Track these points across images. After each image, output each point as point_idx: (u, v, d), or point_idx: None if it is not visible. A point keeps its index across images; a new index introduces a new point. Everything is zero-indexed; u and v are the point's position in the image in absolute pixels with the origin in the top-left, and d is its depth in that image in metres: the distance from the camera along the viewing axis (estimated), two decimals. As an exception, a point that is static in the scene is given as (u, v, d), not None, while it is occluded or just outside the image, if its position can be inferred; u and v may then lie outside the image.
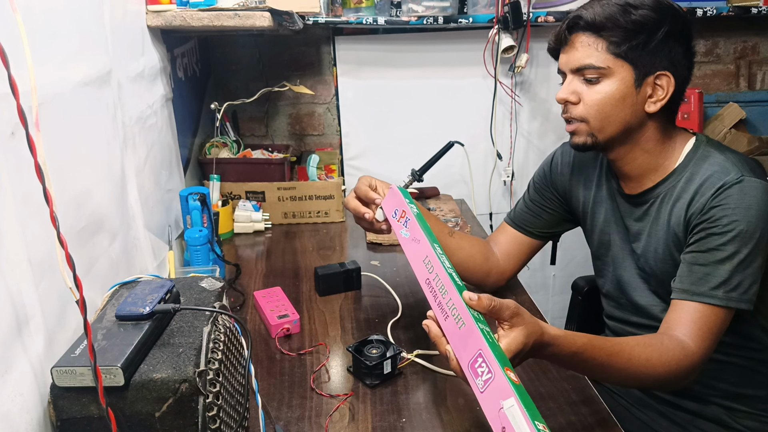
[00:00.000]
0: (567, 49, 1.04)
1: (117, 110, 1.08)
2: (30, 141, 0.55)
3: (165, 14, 1.31)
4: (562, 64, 1.06)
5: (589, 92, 1.02)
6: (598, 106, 1.01)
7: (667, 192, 1.04)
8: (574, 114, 1.04)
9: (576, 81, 1.03)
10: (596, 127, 1.03)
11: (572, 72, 1.04)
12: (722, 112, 2.12)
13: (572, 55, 1.03)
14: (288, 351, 1.09)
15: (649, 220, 1.07)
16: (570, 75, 1.04)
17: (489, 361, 0.67)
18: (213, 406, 0.68)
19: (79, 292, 0.58)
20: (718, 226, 0.95)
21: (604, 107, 1.01)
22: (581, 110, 1.03)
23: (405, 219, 0.95)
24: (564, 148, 1.27)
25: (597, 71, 1.00)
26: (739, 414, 1.09)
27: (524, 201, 1.28)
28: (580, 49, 1.02)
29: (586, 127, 1.04)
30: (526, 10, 1.84)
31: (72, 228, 0.84)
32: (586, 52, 1.01)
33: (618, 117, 1.02)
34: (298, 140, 2.12)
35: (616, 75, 1.00)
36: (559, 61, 1.08)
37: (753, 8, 1.89)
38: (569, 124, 1.06)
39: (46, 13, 0.82)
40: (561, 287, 2.23)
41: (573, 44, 1.03)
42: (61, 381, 0.65)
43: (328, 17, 1.87)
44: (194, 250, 1.30)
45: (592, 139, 1.04)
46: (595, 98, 1.01)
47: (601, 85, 1.01)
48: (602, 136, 1.03)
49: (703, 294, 0.94)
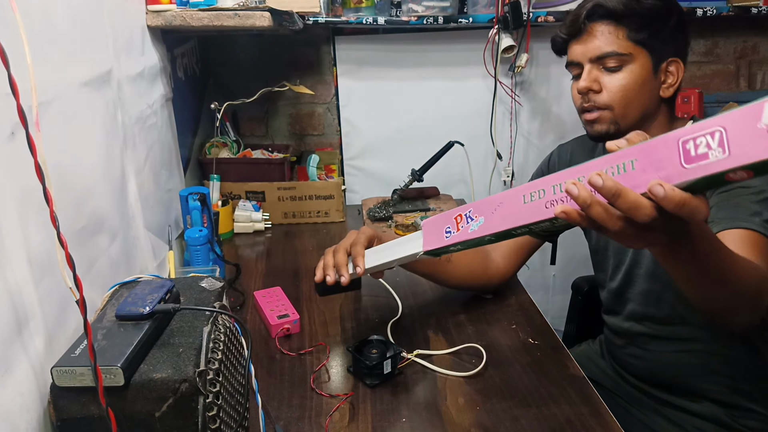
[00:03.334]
0: (584, 38, 1.05)
1: (117, 110, 1.08)
2: (30, 141, 0.55)
3: (165, 14, 1.31)
4: (578, 55, 1.06)
5: (611, 80, 1.03)
6: (623, 92, 1.03)
7: None
8: (598, 102, 1.05)
9: (595, 70, 1.05)
10: (620, 114, 1.04)
11: (591, 61, 1.04)
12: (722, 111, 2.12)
13: (591, 44, 1.04)
14: (288, 351, 1.09)
15: None
16: (588, 65, 1.05)
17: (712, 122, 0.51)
18: (213, 406, 0.68)
19: (79, 292, 0.58)
20: None
21: (628, 93, 1.03)
22: (605, 98, 1.04)
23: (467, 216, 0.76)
24: (561, 148, 1.28)
25: (619, 58, 1.02)
26: (739, 413, 1.09)
27: None
28: (600, 37, 1.02)
29: (609, 115, 1.05)
30: (526, 10, 1.84)
31: (72, 228, 0.84)
32: (608, 40, 1.02)
33: (639, 103, 1.04)
34: (298, 140, 2.12)
35: (637, 61, 1.02)
36: (571, 53, 1.08)
37: (753, 8, 1.89)
38: (590, 112, 1.07)
39: (46, 13, 0.82)
40: (561, 287, 2.23)
41: (592, 33, 1.03)
42: (61, 381, 0.65)
43: (328, 17, 1.87)
44: (194, 250, 1.30)
45: (615, 126, 1.05)
46: (619, 85, 1.03)
47: (623, 72, 1.03)
48: (624, 123, 1.05)
49: (741, 219, 0.90)
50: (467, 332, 1.14)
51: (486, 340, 1.11)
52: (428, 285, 1.35)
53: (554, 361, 1.04)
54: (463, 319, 1.19)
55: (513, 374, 1.01)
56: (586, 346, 1.36)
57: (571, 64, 1.10)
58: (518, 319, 1.19)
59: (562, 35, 1.09)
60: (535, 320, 1.19)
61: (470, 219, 0.76)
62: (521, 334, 1.14)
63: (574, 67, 1.09)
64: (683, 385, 1.12)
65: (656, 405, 1.16)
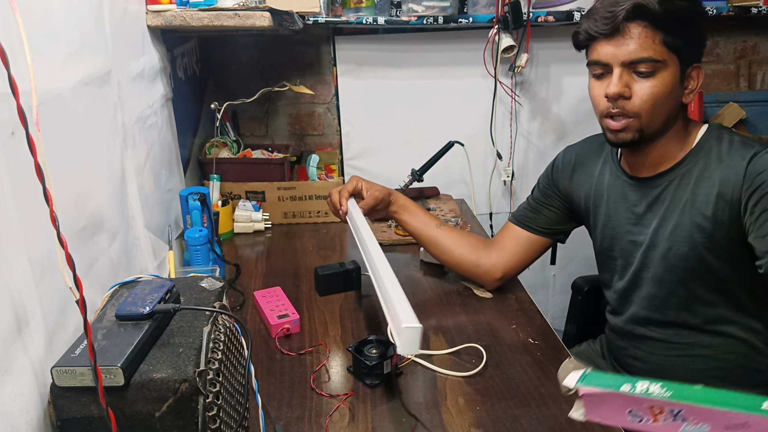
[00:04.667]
0: (618, 39, 0.97)
1: (117, 110, 1.08)
2: (30, 141, 0.55)
3: (165, 14, 1.31)
4: (607, 56, 0.99)
5: (642, 86, 0.98)
6: (653, 101, 0.98)
7: (684, 174, 1.04)
8: (628, 109, 0.99)
9: (626, 74, 0.98)
10: (646, 122, 1.00)
11: (623, 65, 0.98)
12: (722, 112, 2.12)
13: (625, 47, 0.97)
14: (288, 351, 1.09)
15: (664, 203, 1.06)
16: (619, 68, 0.98)
17: None
18: (213, 406, 0.68)
19: (79, 292, 0.58)
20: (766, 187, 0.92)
21: (657, 101, 0.98)
22: (635, 105, 0.99)
23: (671, 412, 0.64)
24: (566, 150, 1.28)
25: (653, 65, 0.96)
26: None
27: (527, 200, 1.31)
28: (636, 40, 0.96)
29: (637, 123, 1.00)
30: (526, 10, 1.84)
31: (72, 228, 0.84)
32: (644, 44, 0.96)
33: (665, 110, 1.00)
34: (298, 140, 2.12)
35: (669, 68, 0.98)
36: (598, 51, 1.01)
37: (753, 8, 1.89)
38: (616, 120, 1.01)
39: (46, 13, 0.82)
40: (561, 287, 2.23)
41: (627, 34, 0.96)
42: (61, 381, 0.65)
43: (328, 17, 1.87)
44: (194, 250, 1.30)
45: (639, 134, 1.01)
46: (650, 92, 0.98)
47: (655, 80, 0.97)
48: (648, 131, 1.01)
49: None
50: (467, 332, 1.14)
51: (486, 340, 1.11)
52: (428, 285, 1.35)
53: (554, 361, 1.04)
54: (463, 319, 1.19)
55: (513, 374, 1.01)
56: (586, 346, 1.36)
57: (596, 64, 1.02)
58: (518, 319, 1.19)
59: (591, 31, 1.00)
60: (535, 320, 1.19)
61: (682, 419, 0.63)
62: (521, 334, 1.14)
63: (599, 67, 1.02)
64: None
65: (657, 405, 1.16)
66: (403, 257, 1.47)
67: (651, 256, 1.09)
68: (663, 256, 1.06)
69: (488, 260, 1.27)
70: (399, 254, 1.50)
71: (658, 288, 1.10)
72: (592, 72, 1.04)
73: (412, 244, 1.54)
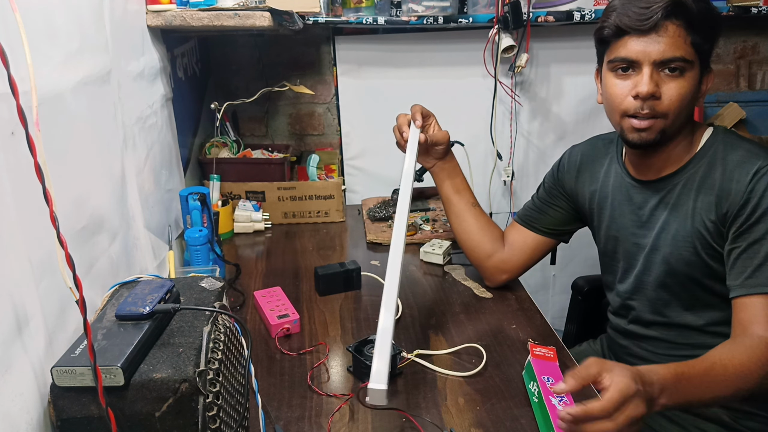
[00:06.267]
0: (652, 36, 0.94)
1: (117, 110, 1.08)
2: (30, 141, 0.55)
3: (165, 14, 1.31)
4: (638, 53, 0.95)
5: (671, 87, 0.96)
6: (681, 101, 0.96)
7: (688, 178, 1.04)
8: (657, 109, 0.97)
9: (656, 73, 0.96)
10: (670, 123, 0.98)
11: (655, 64, 0.95)
12: (722, 112, 2.12)
13: (659, 45, 0.94)
14: (288, 351, 1.09)
15: (667, 207, 1.06)
16: (649, 67, 0.95)
17: None
18: (213, 406, 0.68)
19: (79, 292, 0.58)
20: (761, 214, 0.93)
21: (684, 102, 0.97)
22: (665, 105, 0.97)
23: None
24: (572, 150, 1.28)
25: (683, 64, 0.95)
26: (740, 414, 1.09)
27: (532, 200, 1.31)
28: (670, 39, 0.94)
29: (662, 123, 0.98)
30: (526, 9, 1.83)
31: (72, 228, 0.84)
32: (676, 44, 0.94)
33: (687, 112, 1.00)
34: (298, 140, 2.12)
35: (694, 70, 0.97)
36: (627, 47, 0.97)
37: (753, 8, 1.89)
38: (641, 119, 0.98)
39: (46, 13, 0.82)
40: (561, 287, 2.23)
41: (663, 32, 0.93)
42: (61, 381, 0.65)
43: (328, 17, 1.87)
44: (194, 250, 1.30)
45: (661, 135, 1.00)
46: (678, 93, 0.96)
47: (683, 80, 0.96)
48: (670, 131, 1.00)
49: (761, 285, 0.92)
50: (467, 332, 1.14)
51: (486, 340, 1.11)
52: (428, 285, 1.35)
53: (554, 361, 1.04)
54: (463, 319, 1.19)
55: (513, 374, 1.01)
56: (587, 346, 1.36)
57: (622, 60, 0.98)
58: (518, 319, 1.19)
59: (623, 26, 0.96)
60: (535, 320, 1.19)
61: None
62: (521, 334, 1.14)
63: (623, 63, 0.98)
64: None
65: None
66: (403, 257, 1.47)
67: (653, 260, 1.09)
68: (665, 260, 1.06)
69: (500, 255, 1.27)
70: (399, 254, 1.50)
71: (660, 291, 1.10)
72: (614, 68, 1.01)
73: (413, 244, 1.54)
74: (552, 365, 0.97)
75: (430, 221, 1.69)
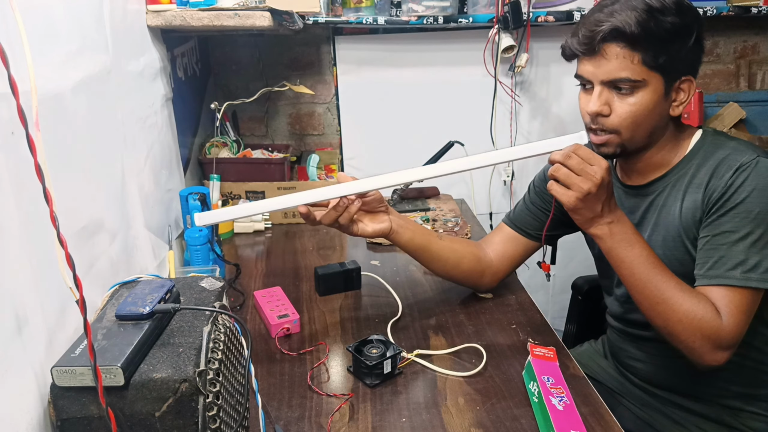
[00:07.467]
0: (597, 58, 0.99)
1: (117, 110, 1.08)
2: (30, 141, 0.55)
3: (165, 14, 1.31)
4: (589, 74, 1.01)
5: (621, 104, 0.99)
6: (632, 118, 0.99)
7: (677, 180, 1.04)
8: (607, 126, 1.01)
9: (606, 91, 1.00)
10: (627, 137, 1.01)
11: (603, 83, 1.00)
12: (722, 111, 2.12)
13: (604, 67, 0.98)
14: (288, 351, 1.09)
15: (656, 209, 1.07)
16: (599, 86, 1.00)
17: None
18: (213, 406, 0.68)
19: (79, 291, 0.58)
20: (731, 207, 0.95)
21: (637, 118, 0.99)
22: (614, 122, 1.00)
23: None
24: None
25: (632, 84, 0.97)
26: (743, 415, 1.09)
27: (524, 203, 1.28)
28: (614, 60, 0.97)
29: (617, 139, 1.02)
30: (526, 9, 1.84)
31: (72, 228, 0.84)
32: (621, 65, 0.97)
33: (648, 126, 1.01)
34: (298, 140, 2.12)
35: (650, 86, 0.98)
36: (582, 68, 1.02)
37: (753, 8, 1.89)
38: (597, 135, 1.03)
39: (46, 13, 0.82)
40: (561, 287, 2.23)
41: (605, 54, 0.98)
42: (61, 381, 0.65)
43: (328, 17, 1.87)
44: (194, 250, 1.30)
45: (621, 149, 1.03)
46: (628, 110, 0.99)
47: (634, 97, 0.98)
48: (631, 145, 1.03)
49: (719, 276, 0.94)
50: (467, 332, 1.14)
51: (486, 340, 1.11)
52: (428, 285, 1.35)
53: (554, 361, 1.04)
54: (463, 319, 1.19)
55: (513, 374, 1.01)
56: (588, 346, 1.36)
57: (579, 77, 1.04)
58: (518, 319, 1.19)
59: (573, 49, 1.02)
60: (535, 320, 1.19)
61: None
62: (521, 334, 1.14)
63: (582, 81, 1.04)
64: (688, 388, 1.12)
65: (659, 404, 1.16)
66: (403, 257, 1.46)
67: None
68: (659, 256, 1.06)
69: (491, 269, 1.24)
70: (399, 254, 1.50)
71: None
72: (579, 83, 1.06)
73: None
74: (552, 365, 0.97)
75: (430, 221, 1.69)
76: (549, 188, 0.97)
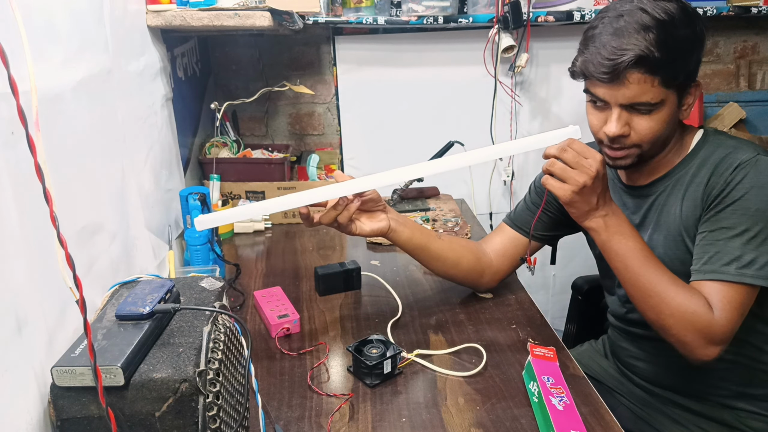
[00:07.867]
0: (616, 84, 0.97)
1: (117, 110, 1.08)
2: (30, 141, 0.55)
3: (165, 14, 1.31)
4: (607, 96, 0.99)
5: (640, 121, 0.99)
6: (653, 134, 1.00)
7: (678, 180, 1.05)
8: (628, 144, 1.02)
9: (625, 113, 1.00)
10: (646, 149, 1.02)
11: (622, 106, 0.99)
12: (722, 111, 2.12)
13: (623, 92, 0.97)
14: (288, 351, 1.09)
15: (658, 209, 1.07)
16: (617, 109, 0.99)
17: None
18: (213, 406, 0.68)
19: (79, 291, 0.58)
20: (729, 203, 0.96)
21: (657, 133, 1.00)
22: (635, 139, 1.01)
23: None
24: None
25: (651, 107, 0.98)
26: (744, 414, 1.09)
27: (525, 203, 1.28)
28: (634, 86, 0.96)
29: (637, 151, 1.03)
30: (526, 9, 1.84)
31: (72, 228, 0.84)
32: (641, 90, 0.96)
33: (665, 136, 1.02)
34: (298, 140, 2.12)
35: (667, 104, 0.99)
36: (596, 89, 1.00)
37: (753, 8, 1.89)
38: (614, 150, 1.03)
39: (46, 13, 0.82)
40: (561, 287, 2.23)
41: (627, 81, 0.96)
42: (61, 381, 0.65)
43: (328, 17, 1.87)
44: (194, 250, 1.30)
45: (639, 159, 1.04)
46: (649, 127, 0.99)
47: (653, 115, 0.99)
48: (648, 155, 1.04)
49: (714, 271, 0.94)
50: (467, 332, 1.14)
51: (486, 340, 1.11)
52: (428, 285, 1.35)
53: (554, 361, 1.04)
54: (463, 319, 1.19)
55: (513, 374, 1.01)
56: (588, 346, 1.36)
57: (593, 96, 1.02)
58: (518, 319, 1.19)
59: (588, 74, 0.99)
60: (535, 320, 1.19)
61: None
62: (521, 334, 1.14)
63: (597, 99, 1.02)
64: (688, 387, 1.12)
65: (660, 404, 1.16)
66: (403, 257, 1.47)
67: None
68: (661, 261, 1.06)
69: (490, 269, 1.24)
70: (399, 254, 1.50)
71: None
72: (590, 99, 1.04)
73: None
74: (552, 365, 0.97)
75: (430, 221, 1.69)
76: (543, 182, 0.98)
